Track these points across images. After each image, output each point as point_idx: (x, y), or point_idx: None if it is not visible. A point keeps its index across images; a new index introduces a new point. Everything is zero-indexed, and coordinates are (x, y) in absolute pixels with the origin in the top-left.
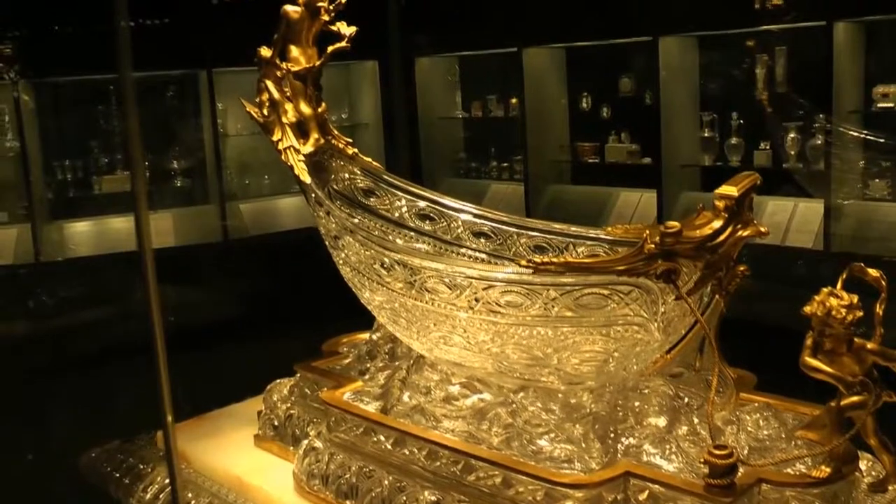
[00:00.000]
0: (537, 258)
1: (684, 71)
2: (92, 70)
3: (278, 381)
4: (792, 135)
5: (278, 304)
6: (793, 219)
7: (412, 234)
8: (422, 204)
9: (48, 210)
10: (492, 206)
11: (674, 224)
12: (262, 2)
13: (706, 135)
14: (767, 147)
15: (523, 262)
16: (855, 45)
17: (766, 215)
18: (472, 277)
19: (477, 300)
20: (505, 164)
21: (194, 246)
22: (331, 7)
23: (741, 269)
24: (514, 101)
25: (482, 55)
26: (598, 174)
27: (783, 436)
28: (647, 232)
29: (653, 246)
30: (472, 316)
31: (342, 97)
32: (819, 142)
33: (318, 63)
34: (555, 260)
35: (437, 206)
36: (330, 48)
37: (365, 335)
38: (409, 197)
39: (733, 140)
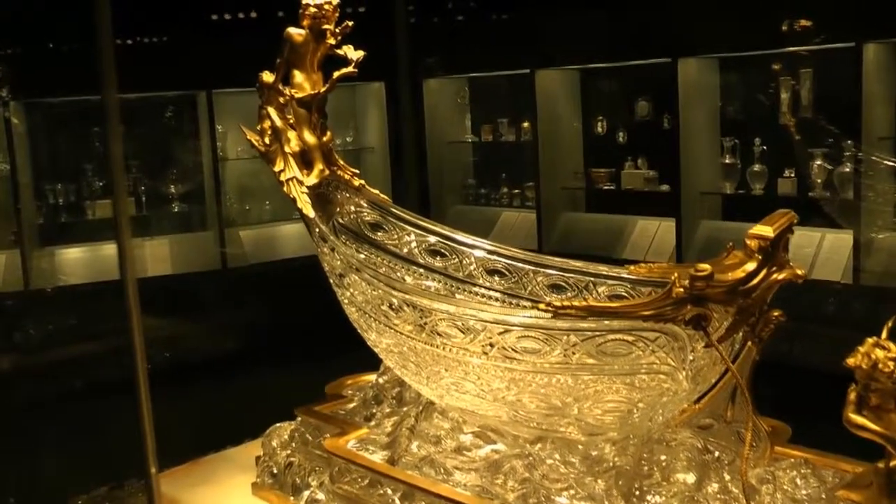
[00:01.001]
0: (557, 301)
1: (704, 94)
2: (86, 90)
3: (278, 424)
4: (818, 162)
5: (278, 338)
6: (820, 251)
7: (422, 270)
8: (432, 239)
9: (38, 235)
10: (502, 234)
11: (704, 267)
12: (264, 22)
13: (727, 161)
14: (792, 174)
15: (542, 306)
16: (885, 67)
17: (791, 247)
18: (487, 321)
19: (492, 345)
20: (516, 191)
21: (191, 274)
22: (337, 30)
23: (775, 314)
24: (526, 124)
25: (493, 77)
26: (613, 202)
27: (823, 496)
28: (676, 275)
29: (682, 290)
30: (486, 362)
31: (347, 120)
32: (847, 169)
33: (323, 89)
34: (576, 303)
35: (448, 242)
36: (336, 74)
37: (371, 377)
38: (418, 231)
39: (756, 167)
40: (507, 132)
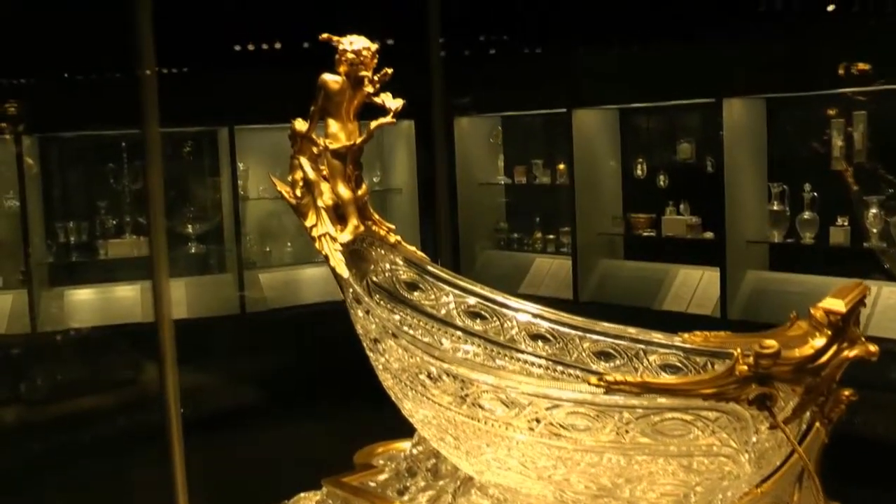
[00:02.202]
0: (610, 376)
1: (751, 136)
2: (102, 125)
3: (303, 494)
4: (874, 210)
5: (301, 390)
6: (875, 305)
7: (460, 334)
8: (472, 300)
9: (48, 275)
10: (535, 281)
11: (770, 343)
12: (290, 53)
13: (775, 208)
14: (846, 223)
15: (593, 380)
16: None
17: None
18: (533, 395)
19: (538, 421)
20: (551, 236)
21: (208, 319)
22: (376, 77)
23: (846, 393)
24: (561, 166)
25: (527, 116)
26: (653, 249)
27: None
28: (738, 350)
29: (745, 368)
30: (531, 438)
31: (374, 159)
32: None
33: (359, 140)
34: (630, 379)
35: (489, 303)
36: (374, 124)
37: (404, 445)
38: (457, 292)
39: (806, 215)
40: (542, 174)
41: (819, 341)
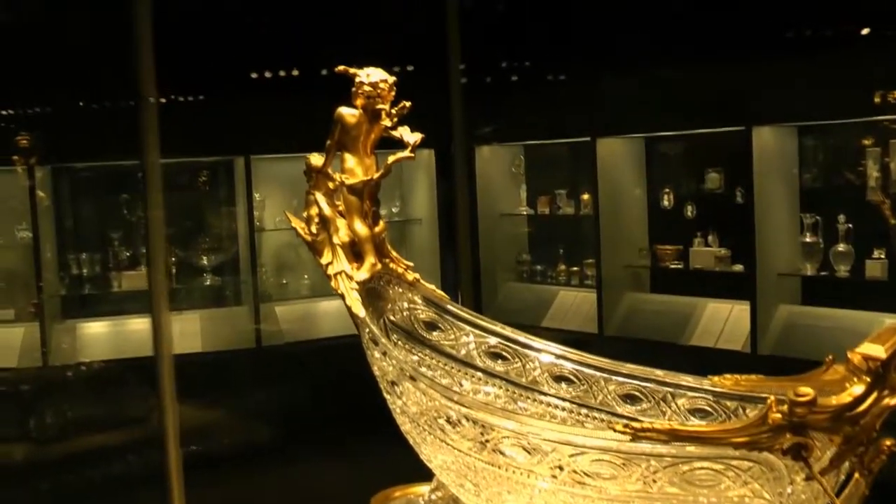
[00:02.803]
0: (636, 422)
1: (781, 165)
2: (116, 155)
3: None
4: None
5: (317, 427)
6: None
7: (481, 375)
8: (492, 340)
9: (60, 308)
10: (559, 315)
11: (806, 391)
12: (307, 80)
13: (808, 240)
14: (882, 256)
15: (619, 427)
16: None
17: None
18: (556, 441)
19: (561, 468)
20: (575, 268)
21: (223, 353)
22: (394, 111)
23: (888, 443)
24: (586, 196)
25: (551, 144)
26: (681, 282)
27: None
28: (772, 398)
29: (779, 416)
30: (554, 486)
31: (393, 189)
32: None
33: (376, 176)
34: (657, 426)
35: (510, 344)
36: (391, 158)
37: (422, 489)
38: (477, 332)
39: (840, 247)
40: (566, 204)
41: (857, 388)
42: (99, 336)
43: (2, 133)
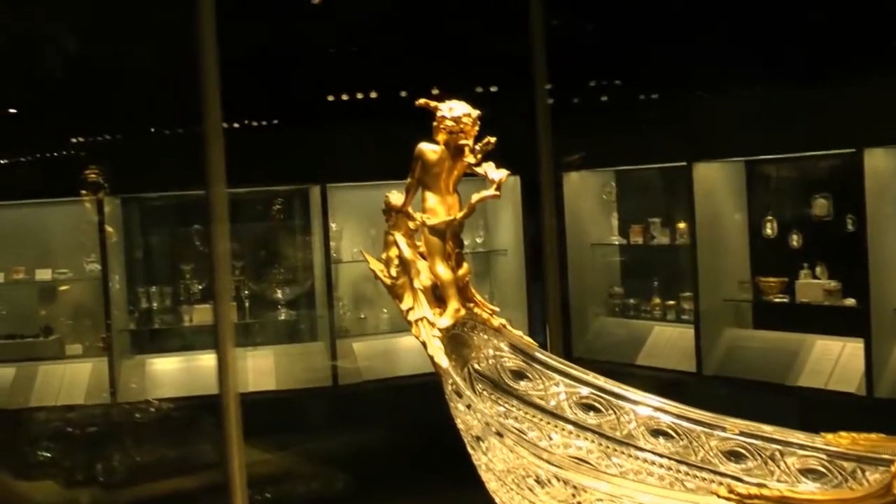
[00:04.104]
0: (742, 487)
1: None
2: (187, 184)
3: None
4: None
5: (396, 473)
6: None
7: (572, 427)
8: (584, 390)
9: (129, 343)
10: (654, 352)
11: None
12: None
13: None
14: None
15: (722, 492)
16: None
17: None
18: None
19: None
20: (671, 302)
21: (298, 391)
22: (478, 147)
23: None
24: (682, 225)
25: (644, 170)
26: (786, 317)
27: None
28: None
29: None
30: None
31: (477, 218)
32: None
33: (459, 216)
34: (766, 492)
35: (603, 395)
36: (475, 198)
37: None
38: (568, 381)
39: None
40: (660, 234)
41: None
42: (169, 372)
43: (71, 163)
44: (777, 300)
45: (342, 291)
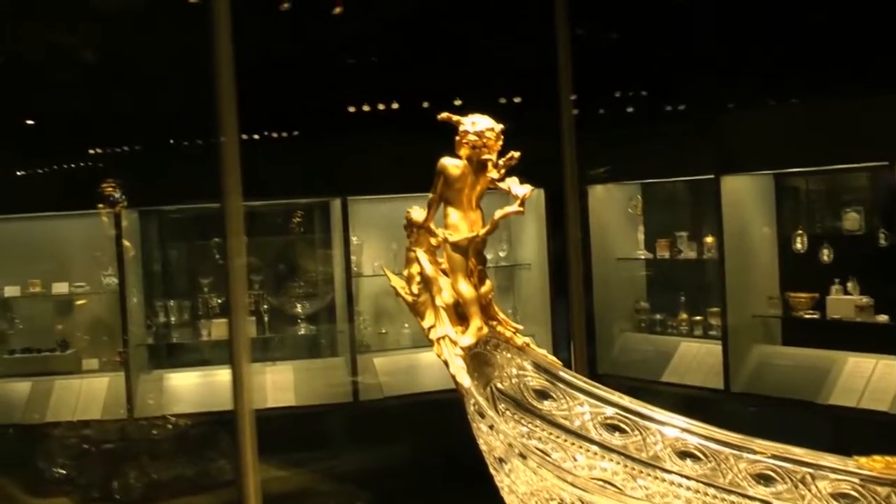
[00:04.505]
0: None
1: None
2: (206, 197)
3: None
4: None
5: (419, 492)
6: None
7: (596, 449)
8: (609, 411)
9: (146, 357)
10: (681, 368)
11: None
12: (407, 114)
13: None
14: None
15: None
16: None
17: None
18: None
19: None
20: (698, 318)
21: (318, 407)
22: (501, 162)
23: None
24: (709, 239)
25: (670, 182)
26: (817, 333)
27: None
28: None
29: None
30: None
31: (500, 232)
32: None
33: (482, 232)
34: None
35: (629, 415)
36: (498, 213)
37: None
38: (593, 401)
39: None
40: (687, 248)
41: None
42: (187, 387)
43: (88, 175)
44: (807, 316)
45: (363, 306)
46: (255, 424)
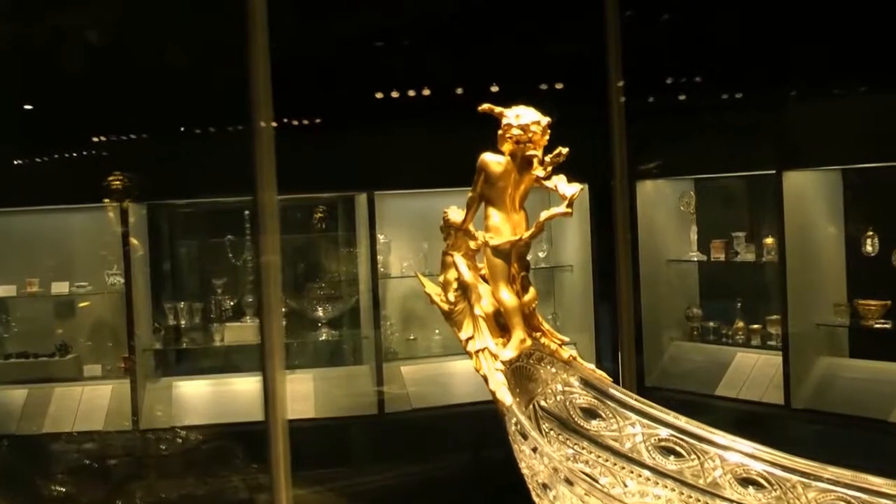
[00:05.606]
0: None
1: None
2: (220, 191)
3: None
4: None
5: None
6: None
7: (649, 474)
8: (664, 432)
9: (154, 363)
10: (737, 381)
11: None
12: (439, 100)
13: None
14: None
15: None
16: None
17: None
18: None
19: None
20: (756, 326)
21: (340, 419)
22: (547, 158)
23: None
24: (769, 240)
25: (727, 178)
26: (889, 344)
27: None
28: None
29: None
30: None
31: None
32: None
33: (526, 235)
34: None
35: (685, 437)
36: (544, 215)
37: None
38: (645, 421)
39: None
40: (745, 250)
41: None
42: (198, 397)
43: (93, 166)
44: (878, 326)
45: (390, 310)
46: (288, 437)
